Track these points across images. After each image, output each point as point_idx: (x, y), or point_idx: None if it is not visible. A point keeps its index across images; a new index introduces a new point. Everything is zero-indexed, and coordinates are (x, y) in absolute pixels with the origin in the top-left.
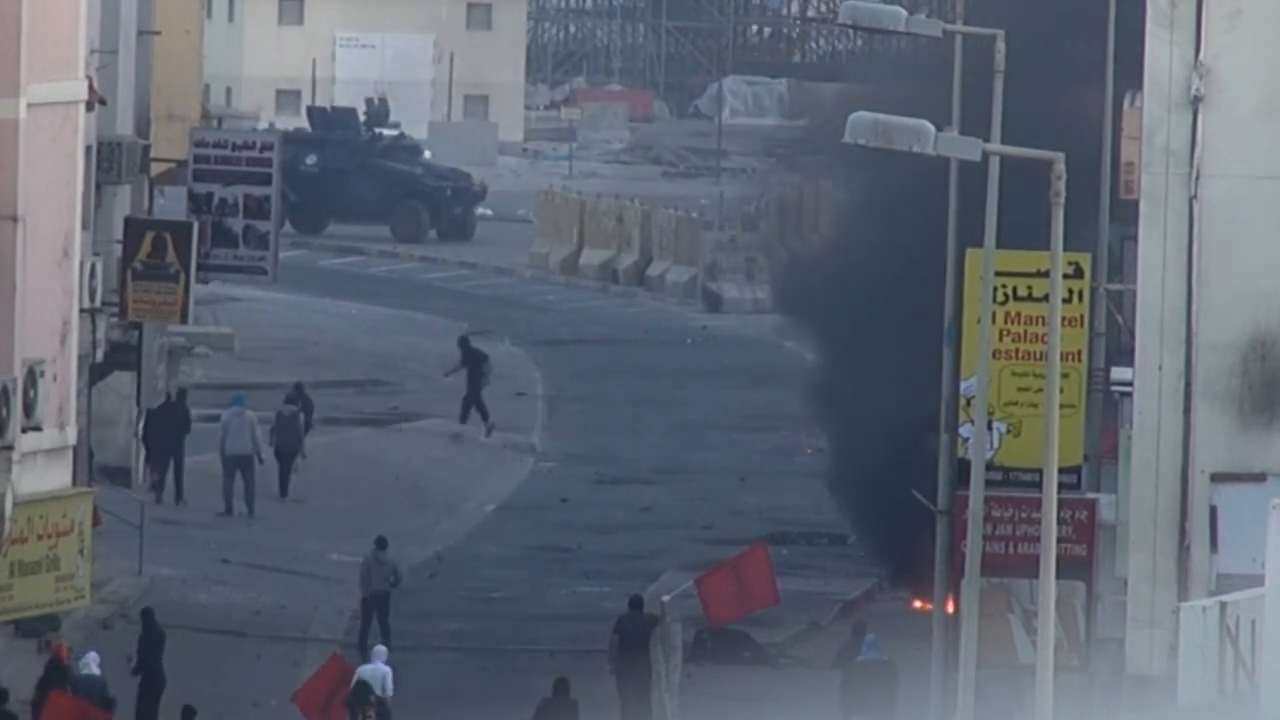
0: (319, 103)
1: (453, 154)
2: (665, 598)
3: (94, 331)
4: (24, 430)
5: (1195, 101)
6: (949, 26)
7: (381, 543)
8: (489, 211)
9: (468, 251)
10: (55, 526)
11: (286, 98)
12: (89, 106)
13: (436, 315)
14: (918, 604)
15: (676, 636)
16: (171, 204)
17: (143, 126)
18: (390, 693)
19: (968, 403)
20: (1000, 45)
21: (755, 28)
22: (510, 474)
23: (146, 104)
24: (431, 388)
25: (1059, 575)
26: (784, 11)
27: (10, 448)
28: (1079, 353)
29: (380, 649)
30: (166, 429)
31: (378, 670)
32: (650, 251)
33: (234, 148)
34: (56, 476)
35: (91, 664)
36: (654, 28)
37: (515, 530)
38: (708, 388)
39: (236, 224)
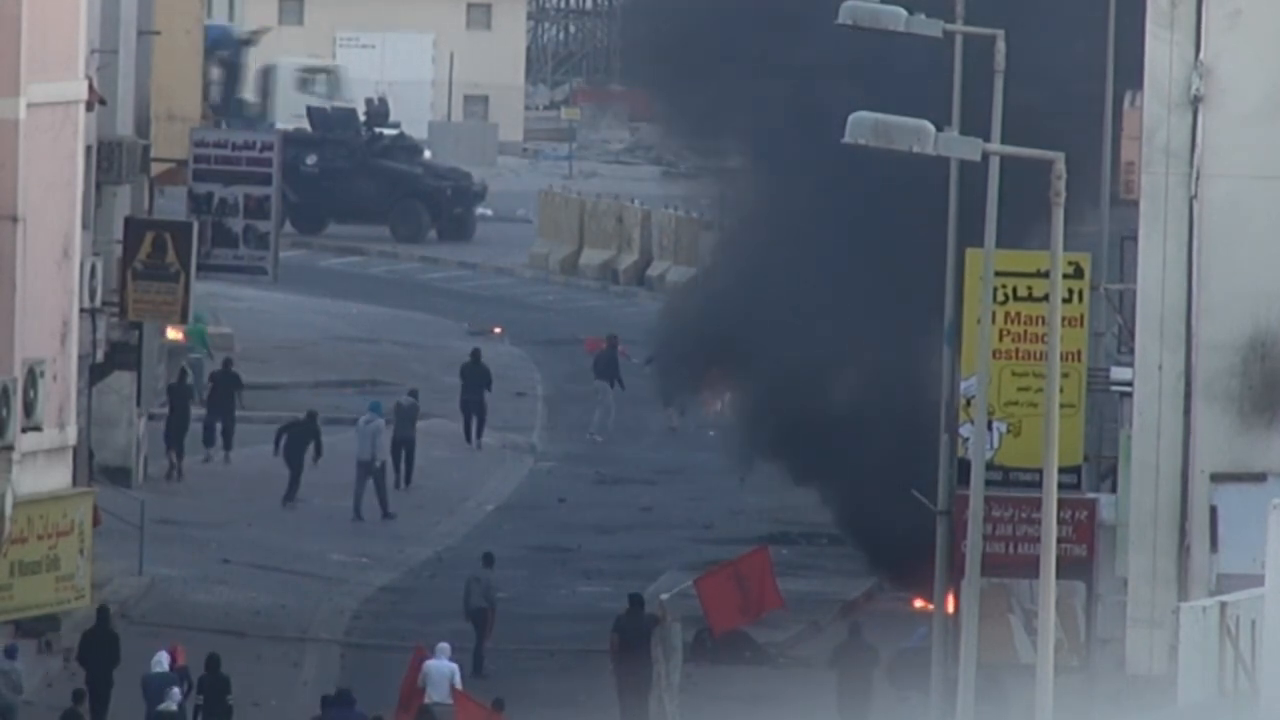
0: (319, 103)
1: (453, 154)
2: (664, 596)
3: (94, 331)
4: (24, 430)
5: (1195, 101)
6: (949, 26)
7: (488, 559)
8: (489, 211)
9: (468, 251)
10: (55, 526)
11: None
12: (89, 106)
13: (436, 315)
14: (918, 604)
15: (676, 637)
16: (172, 204)
17: (143, 126)
18: (459, 687)
19: (968, 403)
20: (1000, 45)
21: None
22: (510, 474)
23: (146, 104)
24: (432, 388)
25: (1059, 575)
26: None
27: (10, 448)
28: (1079, 353)
29: (444, 646)
30: (295, 439)
31: (444, 666)
32: (650, 251)
33: (234, 148)
34: (56, 476)
35: (163, 662)
36: None
37: (515, 530)
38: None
39: (236, 224)
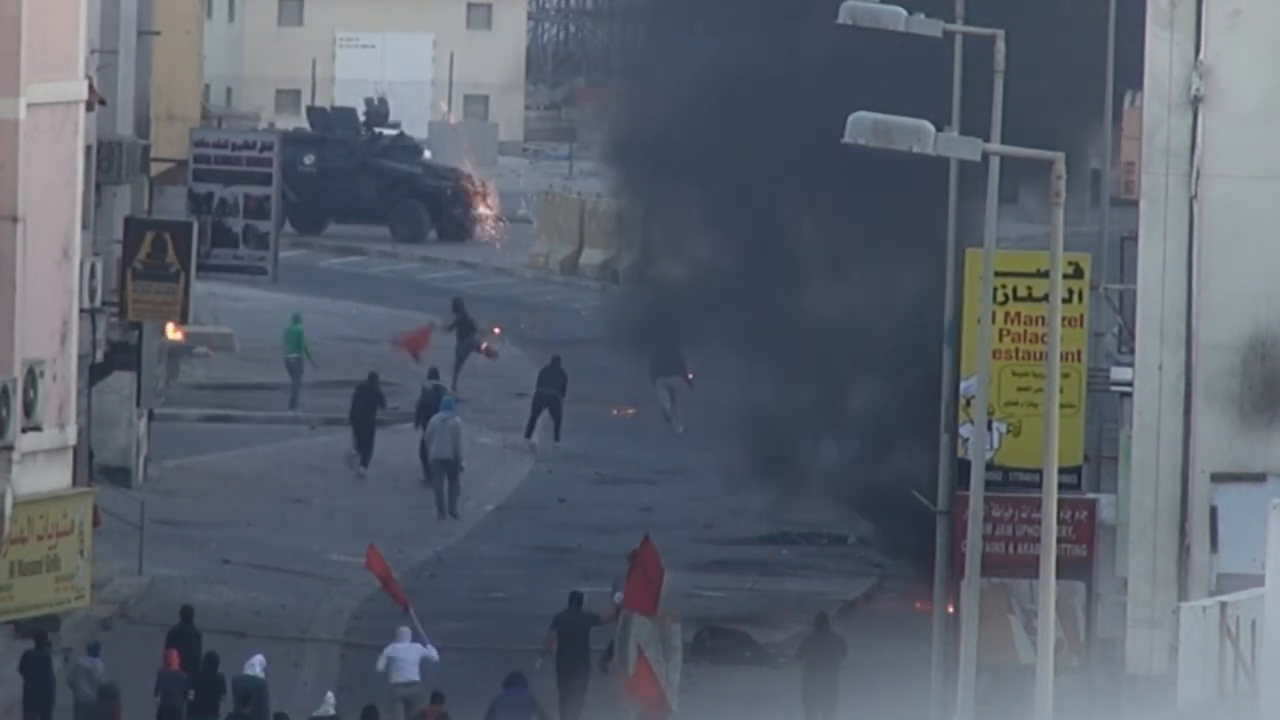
0: (319, 103)
1: (453, 154)
2: (617, 596)
3: (94, 331)
4: (24, 430)
5: (1195, 101)
6: (949, 26)
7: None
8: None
9: (468, 251)
10: (55, 526)
11: (286, 98)
12: (89, 106)
13: (437, 315)
14: (918, 604)
15: (676, 637)
16: (171, 204)
17: (143, 126)
18: (435, 657)
19: (968, 403)
20: (1000, 45)
21: None
22: (510, 474)
23: (146, 104)
24: None
25: (1059, 575)
26: None
27: (10, 448)
28: (1079, 353)
29: (404, 630)
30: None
31: (411, 649)
32: None
33: (234, 148)
34: (56, 476)
35: (256, 666)
36: None
37: (515, 530)
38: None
39: (236, 224)
